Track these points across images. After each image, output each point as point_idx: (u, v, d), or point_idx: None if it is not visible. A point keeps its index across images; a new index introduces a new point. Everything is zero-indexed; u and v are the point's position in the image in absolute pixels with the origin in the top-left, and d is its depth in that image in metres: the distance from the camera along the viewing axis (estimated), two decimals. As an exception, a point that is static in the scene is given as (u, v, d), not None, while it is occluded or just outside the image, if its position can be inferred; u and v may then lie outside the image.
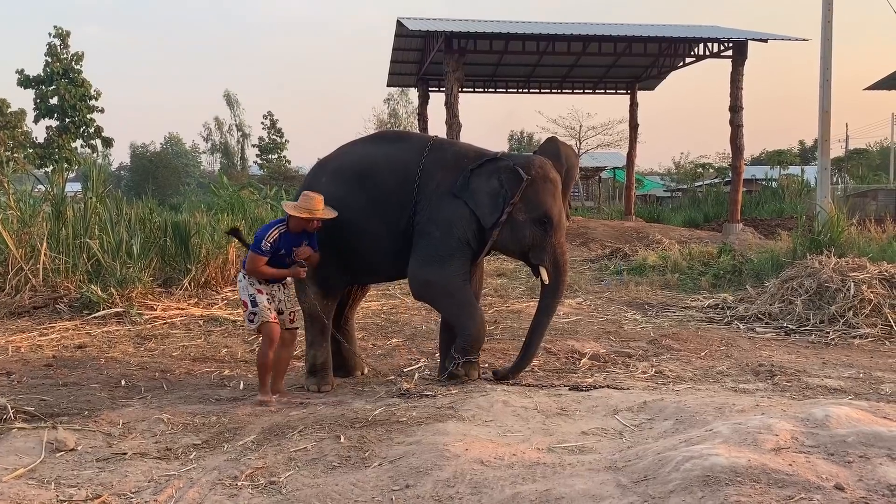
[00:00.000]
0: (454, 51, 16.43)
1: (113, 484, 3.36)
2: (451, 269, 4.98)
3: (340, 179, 5.16)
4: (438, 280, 5.00)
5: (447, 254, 4.98)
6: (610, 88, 23.12)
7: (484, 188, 5.00)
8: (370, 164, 5.20)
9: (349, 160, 5.31)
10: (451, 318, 5.14)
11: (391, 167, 5.16)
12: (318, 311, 5.16)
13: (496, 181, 4.99)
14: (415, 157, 5.13)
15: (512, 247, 5.11)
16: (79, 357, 6.15)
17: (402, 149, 5.29)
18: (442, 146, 5.34)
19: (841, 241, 9.47)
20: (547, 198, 5.03)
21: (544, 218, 5.01)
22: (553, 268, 5.10)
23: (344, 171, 5.21)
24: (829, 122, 13.26)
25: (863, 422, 3.21)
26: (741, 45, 16.75)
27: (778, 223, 17.86)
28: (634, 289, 9.84)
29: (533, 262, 5.13)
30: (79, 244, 8.48)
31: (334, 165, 5.34)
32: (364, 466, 3.43)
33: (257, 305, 4.75)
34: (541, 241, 5.04)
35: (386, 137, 5.63)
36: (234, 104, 48.34)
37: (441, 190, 5.05)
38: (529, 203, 4.98)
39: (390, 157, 5.22)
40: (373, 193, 5.09)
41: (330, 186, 5.09)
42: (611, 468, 3.13)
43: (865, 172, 36.25)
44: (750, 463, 2.78)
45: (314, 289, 5.12)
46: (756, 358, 5.96)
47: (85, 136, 31.08)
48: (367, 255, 5.18)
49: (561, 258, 5.13)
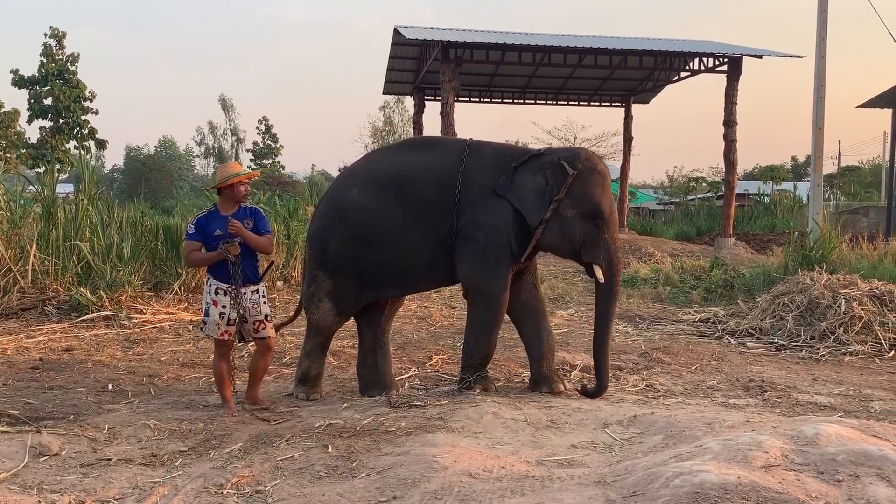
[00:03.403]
0: (450, 60, 16.45)
1: (96, 490, 3.33)
2: (500, 277, 4.82)
3: (374, 189, 4.96)
4: (488, 290, 4.85)
5: (493, 260, 4.82)
6: (605, 101, 23.18)
7: (529, 185, 4.83)
8: (406, 173, 5.00)
9: (382, 169, 5.11)
10: (475, 331, 4.97)
11: (430, 175, 4.97)
12: (325, 326, 5.05)
13: (541, 177, 4.84)
14: (454, 162, 4.96)
15: (562, 245, 4.90)
16: (66, 360, 6.09)
17: (439, 155, 5.11)
18: (479, 148, 5.11)
19: (832, 258, 9.51)
20: (596, 191, 4.84)
21: (594, 212, 4.82)
22: (607, 265, 4.86)
23: (377, 181, 5.00)
24: (822, 138, 13.36)
25: (853, 440, 3.20)
26: (736, 61, 16.83)
27: (770, 238, 17.93)
28: (626, 301, 9.84)
29: (585, 260, 4.91)
30: (69, 246, 8.43)
31: (365, 175, 5.13)
32: (351, 476, 3.40)
33: (208, 316, 4.60)
34: (593, 238, 4.84)
35: (418, 144, 5.41)
36: (230, 108, 48.30)
37: (484, 192, 4.88)
38: (578, 198, 4.79)
39: (427, 164, 5.03)
40: (410, 203, 4.90)
41: (362, 197, 4.94)
42: (600, 483, 3.11)
43: (857, 189, 36.44)
44: (740, 480, 2.77)
45: (327, 304, 4.99)
46: (746, 373, 5.95)
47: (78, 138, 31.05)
48: (400, 267, 4.98)
49: (615, 255, 4.91)
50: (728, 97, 16.75)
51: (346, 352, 6.60)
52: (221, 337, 4.59)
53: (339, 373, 5.94)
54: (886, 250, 11.44)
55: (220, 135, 48.76)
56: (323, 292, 4.96)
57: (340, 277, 4.95)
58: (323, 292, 4.96)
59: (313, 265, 5.09)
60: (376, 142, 39.41)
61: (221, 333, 4.58)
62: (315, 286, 5.04)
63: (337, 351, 6.64)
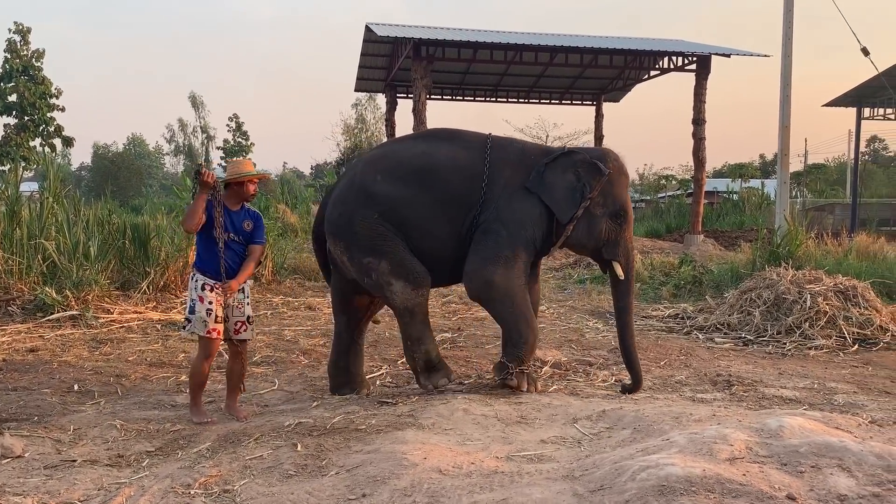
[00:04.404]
0: (422, 58, 16.42)
1: (60, 492, 3.28)
2: (515, 271, 4.75)
3: (400, 178, 4.82)
4: (502, 282, 4.72)
5: (512, 255, 4.75)
6: (576, 99, 23.30)
7: (560, 182, 4.86)
8: (432, 163, 4.87)
9: (405, 158, 4.94)
10: (507, 323, 4.82)
11: (455, 166, 4.87)
12: (414, 304, 4.77)
13: (573, 175, 4.88)
14: (478, 156, 4.89)
15: (586, 242, 4.97)
16: (30, 361, 5.99)
17: (463, 147, 4.99)
18: (502, 144, 5.08)
19: (799, 254, 9.67)
20: (623, 191, 4.99)
21: (621, 211, 4.94)
22: (626, 262, 5.00)
23: (402, 170, 4.86)
24: (789, 136, 13.56)
25: (815, 432, 3.26)
26: (705, 60, 17.00)
27: (738, 235, 18.14)
28: (597, 297, 9.91)
29: (606, 257, 5.00)
30: (34, 245, 8.27)
31: (387, 163, 4.95)
32: (320, 475, 3.38)
33: (193, 314, 4.37)
34: (615, 236, 4.96)
35: (439, 135, 5.23)
36: (200, 106, 47.77)
37: (510, 188, 4.84)
38: (607, 197, 4.90)
39: (453, 155, 4.92)
40: (437, 194, 4.80)
41: (387, 186, 4.81)
42: (568, 477, 3.13)
43: (823, 187, 37.08)
44: (704, 473, 2.80)
45: (399, 283, 4.71)
46: (714, 368, 6.03)
47: (44, 135, 30.48)
48: (428, 260, 4.82)
49: (631, 253, 5.06)
50: (697, 96, 16.91)
51: (318, 350, 6.58)
52: (209, 335, 4.37)
53: (309, 371, 5.91)
54: (851, 246, 11.67)
55: (191, 132, 48.25)
56: (386, 275, 4.72)
57: (390, 253, 4.73)
58: (386, 275, 4.72)
59: (356, 253, 4.81)
60: (348, 139, 39.25)
61: (209, 331, 4.36)
62: (375, 273, 4.76)
63: (308, 349, 6.62)
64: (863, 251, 11.41)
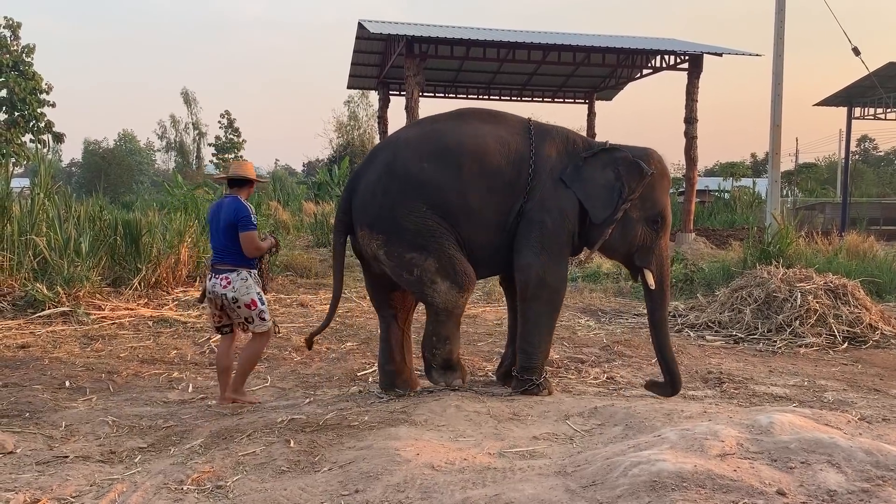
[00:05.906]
0: (415, 55, 16.41)
1: (52, 488, 3.27)
2: (563, 267, 4.59)
3: (450, 164, 4.44)
4: (553, 283, 4.54)
5: (559, 248, 4.53)
6: (569, 97, 23.34)
7: (598, 179, 4.57)
8: (482, 146, 4.49)
9: (453, 141, 4.51)
10: (534, 327, 4.60)
11: (503, 149, 4.51)
12: (454, 306, 4.53)
13: (612, 173, 4.59)
14: (524, 139, 4.58)
15: (620, 247, 4.70)
16: (21, 357, 5.97)
17: (506, 129, 4.63)
18: (544, 128, 4.77)
19: (789, 253, 9.73)
20: (664, 196, 4.70)
21: (659, 217, 4.66)
22: (659, 271, 4.71)
23: (453, 154, 4.46)
24: (780, 136, 13.64)
25: (805, 429, 3.28)
26: (697, 59, 17.06)
27: (729, 233, 18.21)
28: (589, 295, 9.95)
29: (638, 264, 4.73)
30: (24, 241, 8.23)
31: (433, 147, 4.51)
32: (313, 471, 3.39)
33: (265, 304, 4.67)
34: (650, 242, 4.67)
35: (477, 115, 4.74)
36: (192, 102, 47.54)
37: (553, 175, 4.55)
38: (646, 200, 4.61)
39: (499, 137, 4.54)
40: (488, 180, 4.46)
41: (437, 173, 4.41)
42: (560, 473, 3.15)
43: (814, 186, 37.28)
44: (696, 468, 2.82)
45: (444, 284, 4.44)
46: (705, 365, 6.06)
47: (35, 131, 30.31)
48: (478, 250, 4.56)
49: (666, 261, 4.76)
50: (689, 94, 16.97)
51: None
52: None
53: (301, 368, 5.91)
54: (841, 245, 11.76)
55: (182, 129, 48.03)
56: (431, 273, 4.42)
57: (439, 250, 4.42)
58: (431, 273, 4.42)
59: (397, 248, 4.46)
60: (341, 137, 39.20)
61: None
62: (418, 270, 4.45)
63: (300, 347, 6.61)
64: (853, 250, 11.50)
